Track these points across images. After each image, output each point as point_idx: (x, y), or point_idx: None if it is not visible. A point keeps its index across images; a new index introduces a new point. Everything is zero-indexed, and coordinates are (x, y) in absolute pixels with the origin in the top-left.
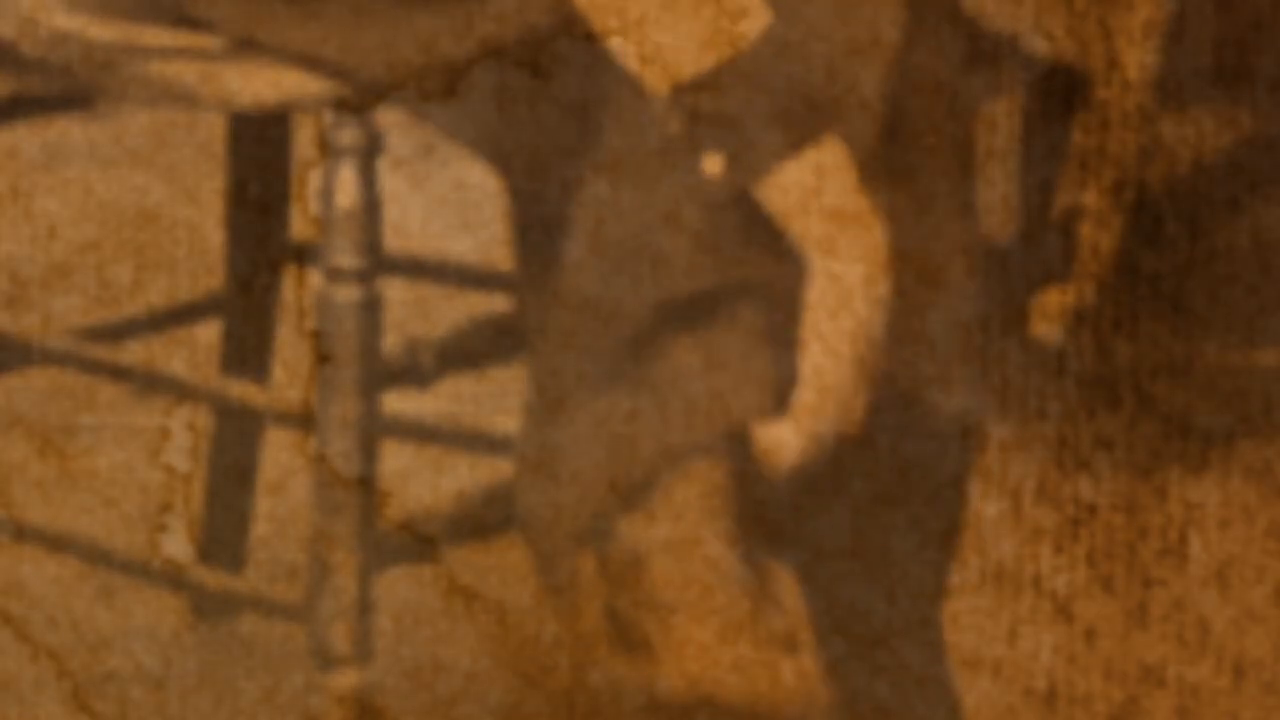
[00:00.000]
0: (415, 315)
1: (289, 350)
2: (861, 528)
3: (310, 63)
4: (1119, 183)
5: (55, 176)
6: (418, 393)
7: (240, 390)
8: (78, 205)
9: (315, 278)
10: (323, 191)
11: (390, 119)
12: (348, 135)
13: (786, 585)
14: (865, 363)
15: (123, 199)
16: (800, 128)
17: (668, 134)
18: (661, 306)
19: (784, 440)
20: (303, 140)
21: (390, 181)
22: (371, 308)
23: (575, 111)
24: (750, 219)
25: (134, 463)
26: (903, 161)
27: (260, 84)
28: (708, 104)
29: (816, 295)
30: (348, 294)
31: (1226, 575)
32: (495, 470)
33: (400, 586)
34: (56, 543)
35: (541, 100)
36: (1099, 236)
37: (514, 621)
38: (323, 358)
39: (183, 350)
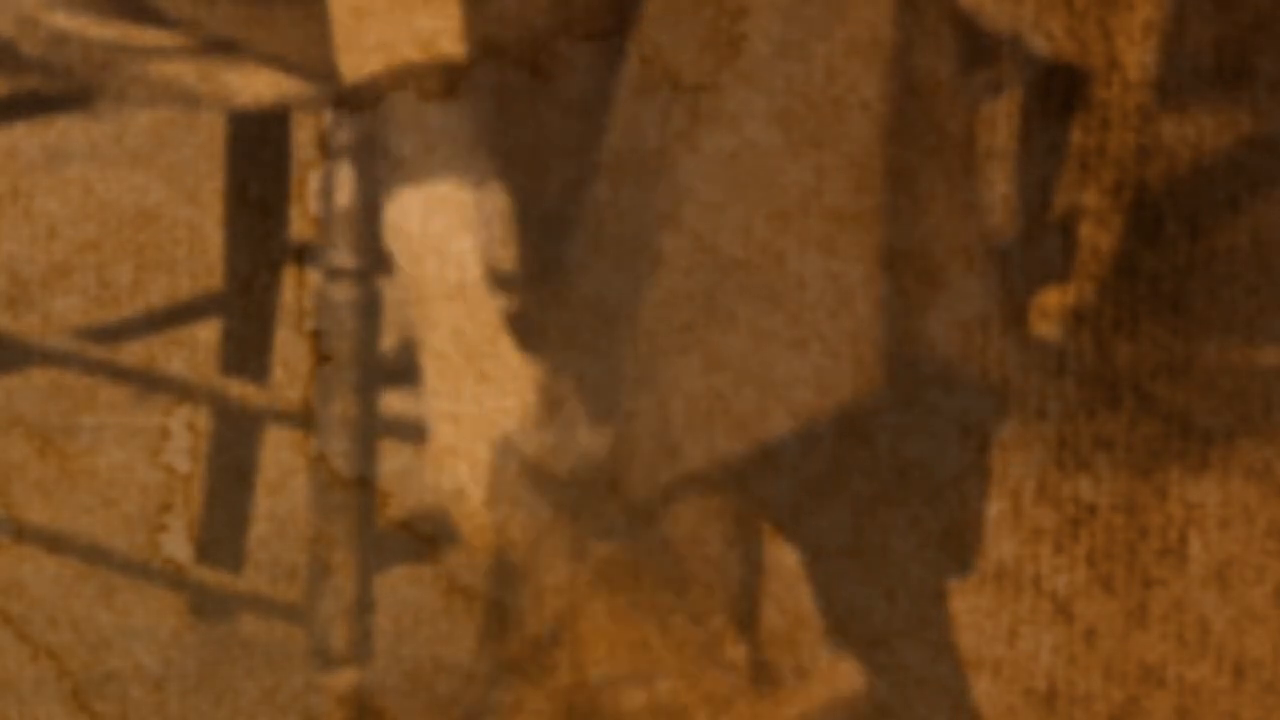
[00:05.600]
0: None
1: (289, 350)
2: (861, 527)
3: (306, 65)
4: (1119, 183)
5: (55, 176)
6: (418, 393)
7: (240, 390)
8: (78, 205)
9: (315, 278)
10: (322, 191)
11: (390, 119)
12: (348, 135)
13: (786, 584)
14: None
15: (123, 199)
16: (800, 128)
17: (668, 134)
18: (661, 306)
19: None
20: (303, 140)
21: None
22: (370, 307)
23: (575, 111)
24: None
25: (134, 463)
26: (903, 161)
27: (260, 84)
28: (708, 104)
29: (816, 295)
30: (347, 294)
31: (1226, 575)
32: None
33: (400, 586)
34: (56, 543)
35: (541, 100)
36: (1099, 236)
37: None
38: (322, 357)
39: (183, 350)
